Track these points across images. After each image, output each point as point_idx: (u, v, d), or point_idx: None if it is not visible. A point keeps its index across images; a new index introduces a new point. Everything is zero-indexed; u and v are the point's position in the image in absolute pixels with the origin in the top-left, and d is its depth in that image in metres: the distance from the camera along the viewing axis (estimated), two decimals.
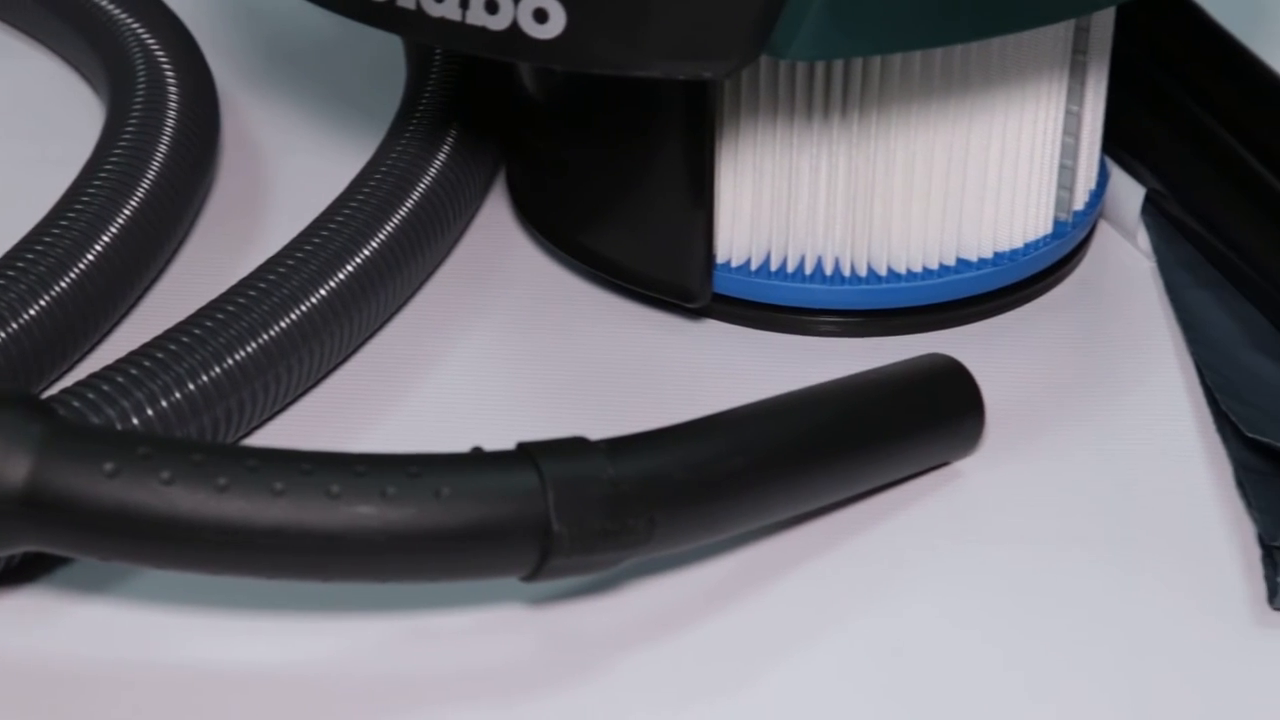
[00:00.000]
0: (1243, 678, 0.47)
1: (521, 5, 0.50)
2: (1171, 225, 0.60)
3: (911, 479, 0.52)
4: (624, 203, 0.57)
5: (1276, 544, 0.48)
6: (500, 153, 0.63)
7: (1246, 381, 0.54)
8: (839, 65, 0.54)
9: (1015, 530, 0.51)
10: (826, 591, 0.49)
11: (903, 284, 0.57)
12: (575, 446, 0.46)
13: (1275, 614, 0.48)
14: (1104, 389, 0.56)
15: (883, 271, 0.57)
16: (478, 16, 0.50)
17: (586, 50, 0.50)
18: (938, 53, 0.54)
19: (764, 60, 0.53)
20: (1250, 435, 0.51)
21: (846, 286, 0.57)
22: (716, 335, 0.57)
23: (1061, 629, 0.48)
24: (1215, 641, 0.48)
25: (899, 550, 0.50)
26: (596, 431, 0.47)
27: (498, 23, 0.50)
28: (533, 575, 0.45)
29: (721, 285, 0.57)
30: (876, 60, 0.54)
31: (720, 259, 0.57)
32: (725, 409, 0.49)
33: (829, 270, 0.57)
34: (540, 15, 0.50)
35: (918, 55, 0.54)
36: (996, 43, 0.54)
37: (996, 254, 0.58)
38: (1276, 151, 0.58)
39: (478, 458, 0.45)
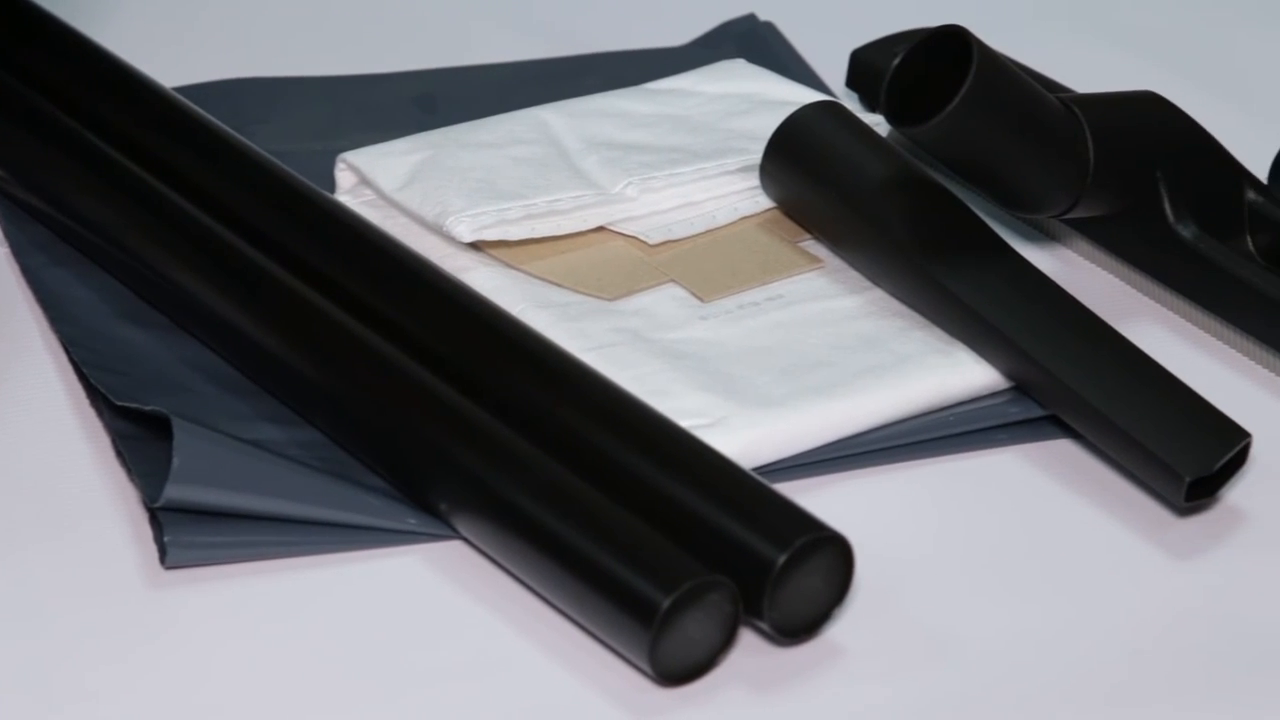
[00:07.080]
0: (143, 635, 0.48)
1: None
2: (21, 208, 0.60)
3: None
4: None
5: (159, 505, 0.49)
6: None
7: (114, 351, 0.55)
8: None
9: None
10: None
11: None
12: None
13: (170, 573, 0.49)
14: None
15: None
16: None
17: None
18: None
19: None
20: (120, 404, 0.52)
21: None
22: None
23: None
24: (165, 617, 0.48)
25: None
26: None
27: None
28: None
29: None
30: None
31: None
32: None
33: None
34: None
35: None
36: None
37: None
38: (117, 127, 0.59)
39: None
